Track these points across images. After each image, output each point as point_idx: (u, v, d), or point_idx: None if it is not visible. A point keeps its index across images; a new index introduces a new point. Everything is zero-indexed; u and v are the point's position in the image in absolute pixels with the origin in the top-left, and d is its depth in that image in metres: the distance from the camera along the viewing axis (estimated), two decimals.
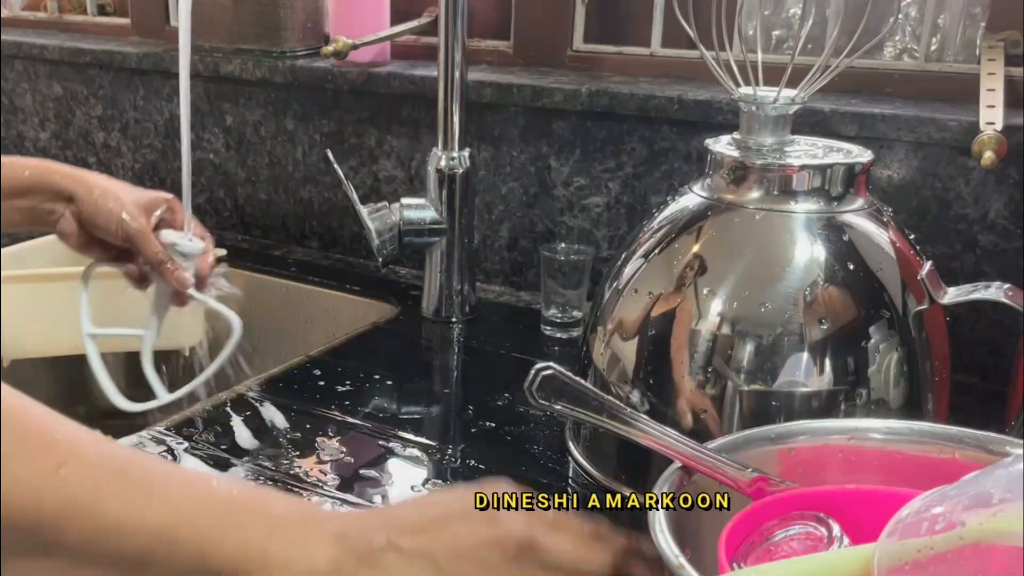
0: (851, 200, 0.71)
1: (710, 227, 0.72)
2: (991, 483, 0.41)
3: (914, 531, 0.42)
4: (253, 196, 1.41)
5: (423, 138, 1.24)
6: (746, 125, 0.74)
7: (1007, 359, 0.90)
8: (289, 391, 0.92)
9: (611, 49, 1.22)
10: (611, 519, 0.73)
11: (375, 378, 0.95)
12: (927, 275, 0.69)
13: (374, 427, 0.85)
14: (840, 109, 0.98)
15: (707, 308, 0.69)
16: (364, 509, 0.71)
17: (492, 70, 1.23)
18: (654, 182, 1.11)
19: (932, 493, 0.44)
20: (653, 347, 0.72)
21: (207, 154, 1.43)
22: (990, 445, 0.56)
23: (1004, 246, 0.95)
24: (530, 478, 0.77)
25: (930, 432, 0.58)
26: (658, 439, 0.56)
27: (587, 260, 1.06)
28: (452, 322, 1.10)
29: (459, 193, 1.07)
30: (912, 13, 1.08)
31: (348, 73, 1.25)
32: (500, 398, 0.91)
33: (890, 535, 0.44)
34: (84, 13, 1.66)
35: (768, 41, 1.14)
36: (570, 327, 1.06)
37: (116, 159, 1.53)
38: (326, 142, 1.31)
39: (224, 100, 1.38)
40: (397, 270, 1.28)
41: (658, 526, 0.49)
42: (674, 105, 1.06)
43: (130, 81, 1.46)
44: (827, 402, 0.67)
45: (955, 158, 0.95)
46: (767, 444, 0.58)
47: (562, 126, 1.14)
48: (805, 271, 0.68)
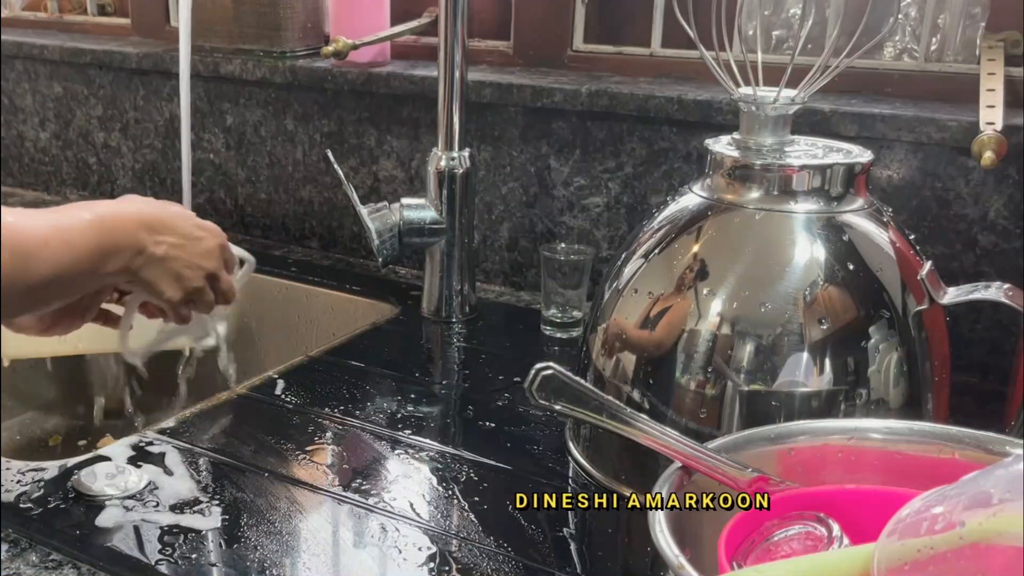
0: (851, 200, 0.71)
1: (710, 227, 0.72)
2: (991, 483, 0.41)
3: (914, 531, 0.42)
4: (253, 196, 1.41)
5: (423, 138, 1.24)
6: (746, 125, 0.74)
7: (1007, 359, 0.91)
8: (289, 391, 0.92)
9: (611, 49, 1.22)
10: (611, 519, 0.74)
11: (375, 378, 0.95)
12: (927, 275, 0.69)
13: (374, 427, 0.85)
14: (840, 109, 0.98)
15: (707, 308, 0.69)
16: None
17: (492, 70, 1.23)
18: (654, 182, 1.11)
19: (932, 493, 0.44)
20: (653, 347, 0.72)
21: (207, 154, 1.43)
22: (990, 445, 0.56)
23: (1004, 246, 0.95)
24: (530, 478, 0.77)
25: (930, 432, 0.58)
26: (658, 439, 0.56)
27: (587, 260, 1.06)
28: (452, 322, 1.10)
29: (459, 193, 1.07)
30: (912, 13, 1.08)
31: (348, 73, 1.25)
32: (500, 398, 0.91)
33: (890, 535, 0.44)
34: (84, 13, 1.66)
35: (768, 41, 1.14)
36: (570, 327, 1.06)
37: (116, 159, 1.53)
38: (326, 142, 1.31)
39: (224, 100, 1.38)
40: (397, 270, 1.28)
41: (658, 526, 0.49)
42: (674, 105, 1.06)
43: (130, 81, 1.46)
44: (827, 402, 0.67)
45: (955, 158, 0.95)
46: (767, 444, 0.58)
47: (562, 126, 1.14)
48: (805, 271, 0.68)
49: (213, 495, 0.73)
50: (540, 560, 0.67)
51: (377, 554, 0.67)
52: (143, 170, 1.50)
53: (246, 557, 0.66)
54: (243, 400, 0.90)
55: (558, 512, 0.74)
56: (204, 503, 0.72)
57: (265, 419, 0.86)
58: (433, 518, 0.72)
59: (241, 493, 0.74)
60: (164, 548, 0.67)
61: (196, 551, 0.67)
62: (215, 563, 0.66)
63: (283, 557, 0.66)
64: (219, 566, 0.65)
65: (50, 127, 1.59)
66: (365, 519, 0.71)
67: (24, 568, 0.66)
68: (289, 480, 0.76)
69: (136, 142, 1.49)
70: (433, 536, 0.69)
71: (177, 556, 0.66)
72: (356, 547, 0.68)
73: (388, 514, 0.72)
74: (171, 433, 0.83)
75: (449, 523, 0.71)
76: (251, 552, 0.67)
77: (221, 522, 0.70)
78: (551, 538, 0.70)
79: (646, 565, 0.68)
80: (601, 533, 0.73)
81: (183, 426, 0.84)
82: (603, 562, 0.68)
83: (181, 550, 0.67)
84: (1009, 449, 0.56)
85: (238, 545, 0.67)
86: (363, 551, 0.68)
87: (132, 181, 1.52)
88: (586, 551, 0.69)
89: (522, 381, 0.87)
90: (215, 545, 0.67)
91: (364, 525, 0.71)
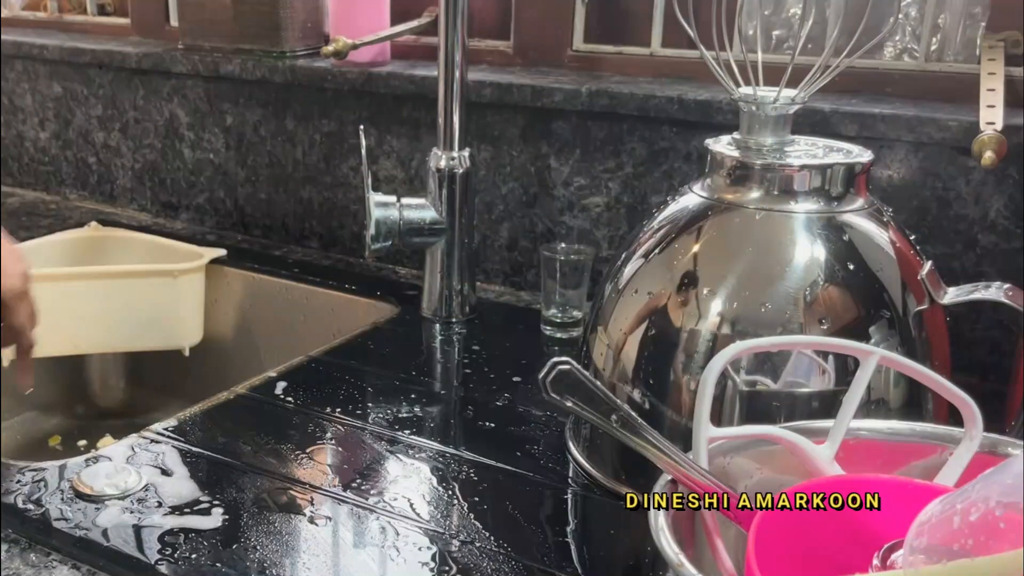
0: (851, 200, 0.71)
1: (710, 227, 0.72)
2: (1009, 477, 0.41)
3: (946, 526, 0.42)
4: (253, 196, 1.41)
5: (423, 138, 1.24)
6: (746, 125, 0.74)
7: (1007, 359, 0.91)
8: (289, 391, 0.92)
9: (611, 49, 1.22)
10: (611, 519, 0.74)
11: (375, 378, 0.95)
12: (927, 275, 0.69)
13: (374, 427, 0.85)
14: (840, 109, 0.98)
15: (707, 308, 0.69)
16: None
17: (492, 70, 1.23)
18: (654, 182, 1.11)
19: (950, 496, 0.44)
20: (653, 347, 0.72)
21: (207, 154, 1.43)
22: (990, 445, 0.56)
23: (1004, 246, 0.95)
24: (530, 478, 0.77)
25: (930, 432, 0.58)
26: (669, 461, 0.54)
27: (587, 260, 1.06)
28: (452, 322, 1.10)
29: (459, 193, 1.07)
30: (912, 13, 1.08)
31: (348, 73, 1.25)
32: (500, 398, 0.91)
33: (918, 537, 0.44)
34: (84, 13, 1.66)
35: (768, 41, 1.14)
36: (570, 327, 1.06)
37: (116, 159, 1.53)
38: (326, 142, 1.31)
39: (224, 100, 1.38)
40: (397, 270, 1.28)
41: (658, 526, 0.49)
42: (674, 105, 1.06)
43: (130, 81, 1.46)
44: (827, 402, 0.67)
45: (955, 158, 0.95)
46: (767, 444, 0.58)
47: (562, 126, 1.14)
48: (805, 271, 0.68)
49: (213, 495, 0.73)
50: (540, 560, 0.67)
51: (377, 554, 0.67)
52: (143, 170, 1.50)
53: (246, 557, 0.66)
54: (243, 400, 0.90)
55: (558, 512, 0.74)
56: (204, 503, 0.72)
57: (265, 419, 0.86)
58: (433, 518, 0.72)
59: (241, 493, 0.74)
60: (164, 548, 0.67)
61: (196, 551, 0.67)
62: (215, 563, 0.66)
63: (283, 557, 0.66)
64: (219, 566, 0.65)
65: (50, 127, 1.59)
66: (365, 519, 0.71)
67: (24, 568, 0.66)
68: (289, 480, 0.76)
69: (136, 142, 1.49)
70: (433, 536, 0.69)
71: (177, 556, 0.66)
72: (356, 547, 0.68)
73: (388, 514, 0.72)
74: (171, 433, 0.83)
75: (449, 523, 0.71)
76: (251, 552, 0.67)
77: (221, 522, 0.70)
78: (551, 538, 0.70)
79: (646, 565, 0.68)
80: (601, 533, 0.73)
81: (183, 426, 0.84)
82: (603, 562, 0.68)
83: (181, 550, 0.67)
84: (1011, 450, 0.56)
85: (238, 545, 0.67)
86: (363, 551, 0.68)
87: (132, 181, 1.52)
88: (586, 551, 0.69)
89: (522, 381, 0.87)
90: (215, 545, 0.67)
91: (364, 525, 0.71)
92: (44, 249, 1.31)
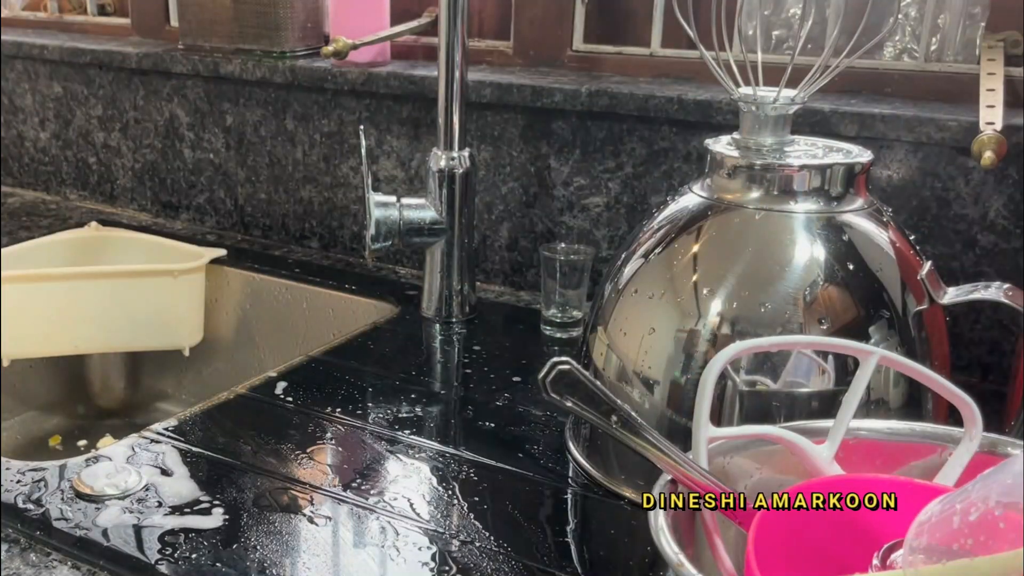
0: (851, 200, 0.71)
1: (710, 227, 0.72)
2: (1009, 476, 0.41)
3: (946, 526, 0.42)
4: (253, 196, 1.41)
5: (423, 138, 1.24)
6: (746, 125, 0.74)
7: (1007, 359, 0.91)
8: (289, 391, 0.92)
9: (611, 49, 1.22)
10: (611, 519, 0.74)
11: (375, 378, 0.95)
12: (927, 275, 0.69)
13: (374, 427, 0.85)
14: (840, 109, 0.98)
15: (707, 308, 0.69)
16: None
17: (492, 70, 1.23)
18: (654, 182, 1.11)
19: (950, 495, 0.44)
20: (653, 347, 0.72)
21: (207, 154, 1.43)
22: (989, 445, 0.56)
23: (1004, 246, 0.95)
24: (530, 478, 0.78)
25: (930, 432, 0.58)
26: (668, 461, 0.54)
27: (587, 260, 1.06)
28: (452, 322, 1.10)
29: (459, 193, 1.07)
30: (912, 13, 1.08)
31: (348, 73, 1.25)
32: (500, 398, 0.91)
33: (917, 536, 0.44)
34: (84, 13, 1.66)
35: (768, 41, 1.14)
36: (570, 327, 1.06)
37: (116, 159, 1.53)
38: (326, 142, 1.31)
39: (224, 100, 1.38)
40: (397, 270, 1.28)
41: (658, 526, 0.49)
42: (674, 105, 1.06)
43: (130, 81, 1.46)
44: (827, 402, 0.67)
45: (955, 158, 0.95)
46: (767, 444, 0.58)
47: (562, 126, 1.15)
48: (805, 271, 0.68)
49: (213, 495, 0.73)
50: (540, 560, 0.67)
51: (377, 554, 0.67)
52: (143, 170, 1.50)
53: (246, 557, 0.66)
54: (243, 400, 0.90)
55: (558, 512, 0.74)
56: (204, 503, 0.72)
57: (265, 419, 0.86)
58: (433, 518, 0.72)
59: (241, 493, 0.74)
60: (164, 548, 0.67)
61: (196, 551, 0.67)
62: (215, 563, 0.66)
63: (283, 557, 0.66)
64: (219, 566, 0.65)
65: (50, 127, 1.59)
66: (365, 519, 0.71)
67: (24, 568, 0.66)
68: (289, 480, 0.76)
69: (136, 142, 1.49)
70: (433, 536, 0.69)
71: (177, 556, 0.66)
72: (356, 547, 0.68)
73: (388, 514, 0.72)
74: (171, 433, 0.83)
75: (449, 523, 0.71)
76: (251, 552, 0.67)
77: (221, 522, 0.70)
78: (551, 538, 0.70)
79: (646, 565, 0.68)
80: (601, 533, 0.73)
81: (183, 426, 0.84)
82: (603, 562, 0.68)
83: (181, 550, 0.67)
84: (1010, 450, 0.56)
85: (238, 545, 0.67)
86: (363, 551, 0.68)
87: (132, 181, 1.52)
88: (586, 551, 0.69)
89: (522, 381, 0.87)
90: (215, 545, 0.67)
91: (364, 525, 0.71)
92: (44, 249, 1.31)
